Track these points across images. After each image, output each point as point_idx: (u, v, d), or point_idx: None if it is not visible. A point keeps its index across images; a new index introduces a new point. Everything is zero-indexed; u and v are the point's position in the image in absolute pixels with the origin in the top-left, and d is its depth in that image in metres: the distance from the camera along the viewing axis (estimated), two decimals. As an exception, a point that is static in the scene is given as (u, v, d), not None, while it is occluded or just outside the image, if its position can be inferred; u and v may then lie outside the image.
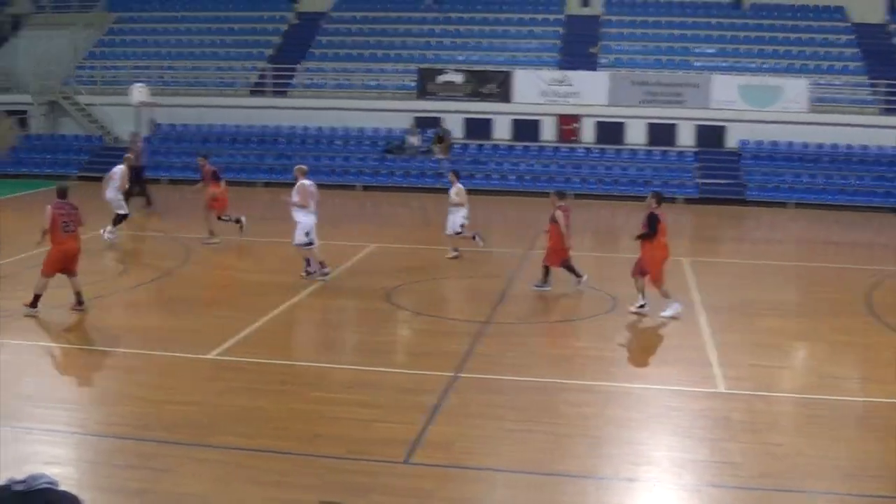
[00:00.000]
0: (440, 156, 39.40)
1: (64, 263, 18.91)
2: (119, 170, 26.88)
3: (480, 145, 40.84)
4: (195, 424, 13.36)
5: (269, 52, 45.12)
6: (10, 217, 29.30)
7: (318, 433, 13.04)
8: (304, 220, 22.02)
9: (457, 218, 24.74)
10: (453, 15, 45.68)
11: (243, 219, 26.52)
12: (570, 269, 21.42)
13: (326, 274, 22.03)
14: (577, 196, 35.26)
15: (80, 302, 19.17)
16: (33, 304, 18.77)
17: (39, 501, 9.85)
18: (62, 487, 10.01)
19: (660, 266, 19.45)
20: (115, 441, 12.92)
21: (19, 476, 9.96)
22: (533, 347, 17.86)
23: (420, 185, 37.99)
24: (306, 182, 22.29)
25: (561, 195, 21.95)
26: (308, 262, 22.16)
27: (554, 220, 21.17)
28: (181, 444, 12.62)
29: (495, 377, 15.47)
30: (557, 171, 38.79)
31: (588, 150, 40.36)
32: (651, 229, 19.33)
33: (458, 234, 24.79)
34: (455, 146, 40.28)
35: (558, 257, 21.30)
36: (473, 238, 25.08)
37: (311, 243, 22.05)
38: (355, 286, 21.90)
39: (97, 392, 15.21)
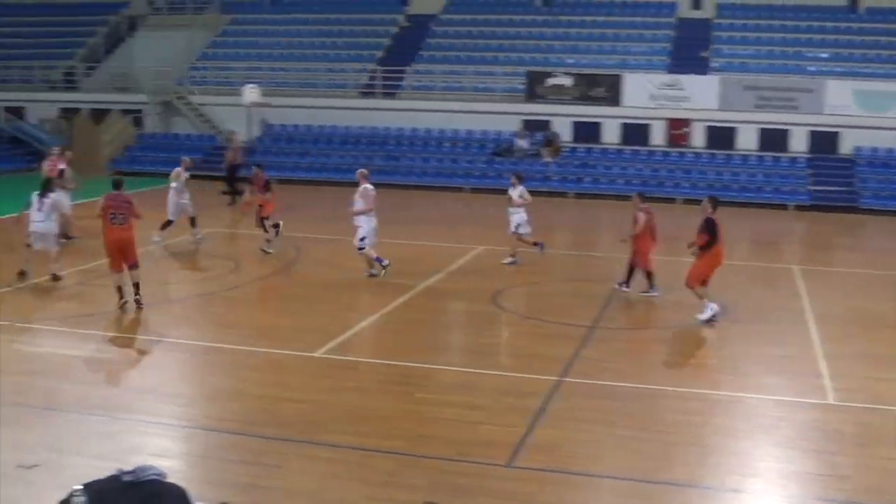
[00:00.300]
0: (548, 159, 39.37)
1: (115, 253, 19.24)
2: (176, 172, 27.11)
3: (589, 149, 40.73)
4: (304, 421, 13.55)
5: (379, 54, 45.47)
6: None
7: (423, 434, 13.14)
8: (366, 224, 22.30)
9: (517, 219, 24.66)
10: (563, 18, 45.59)
11: (280, 224, 26.46)
12: (647, 275, 21.28)
13: (379, 271, 22.30)
14: (686, 201, 34.93)
15: (137, 296, 19.43)
16: (120, 297, 19.27)
17: (147, 492, 10.10)
18: (170, 480, 10.27)
19: (710, 272, 19.20)
20: (224, 436, 13.16)
21: (128, 467, 10.25)
22: (639, 353, 17.76)
23: (528, 189, 37.81)
24: (369, 186, 22.56)
25: (643, 197, 21.82)
26: (378, 260, 22.42)
27: (636, 222, 21.12)
28: (290, 441, 12.82)
29: (601, 382, 15.44)
30: (666, 176, 38.52)
31: (698, 154, 40.00)
32: (713, 236, 19.02)
33: (518, 235, 24.64)
34: (563, 149, 40.22)
35: (645, 259, 21.20)
36: (535, 245, 24.92)
37: (363, 247, 22.37)
38: (462, 288, 22.01)
39: (208, 387, 15.48)
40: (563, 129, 40.68)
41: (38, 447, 12.51)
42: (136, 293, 19.45)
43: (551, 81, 41.14)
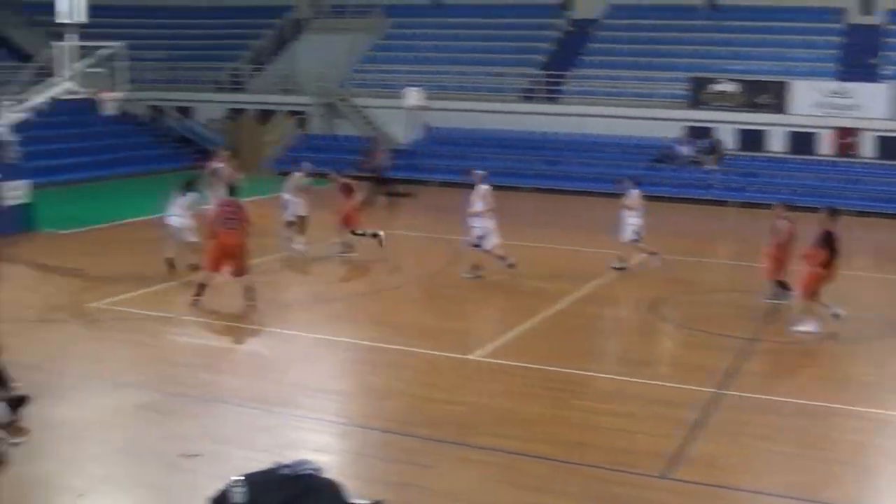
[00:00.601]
0: (711, 166, 38.80)
1: (223, 258, 19.38)
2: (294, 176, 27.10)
3: (753, 157, 39.95)
4: (458, 423, 13.61)
5: (540, 58, 45.42)
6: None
7: (578, 440, 13.07)
8: (482, 224, 22.57)
9: (631, 223, 24.35)
10: (728, 23, 44.79)
11: (381, 233, 25.72)
12: (783, 286, 20.72)
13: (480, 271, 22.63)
14: (856, 214, 33.93)
15: (251, 299, 19.56)
16: (198, 293, 19.49)
17: (303, 486, 10.27)
18: (326, 475, 10.42)
19: (819, 285, 18.60)
20: (380, 434, 13.32)
21: (286, 461, 10.42)
22: (800, 368, 17.37)
23: (689, 196, 37.46)
24: (486, 187, 22.81)
25: (787, 207, 21.36)
26: (502, 258, 22.62)
27: (775, 231, 20.66)
28: (444, 442, 12.89)
29: (760, 396, 15.11)
30: (834, 187, 37.45)
31: (867, 165, 38.85)
32: (832, 249, 18.39)
33: (635, 241, 24.33)
34: (726, 157, 39.57)
35: (781, 268, 20.71)
36: (652, 254, 24.52)
37: (478, 245, 22.66)
38: (621, 295, 21.86)
39: (365, 385, 15.68)
40: (727, 137, 40.00)
41: (199, 437, 12.85)
42: (251, 299, 19.59)
43: (715, 88, 40.52)
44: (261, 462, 11.13)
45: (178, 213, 22.22)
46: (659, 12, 45.99)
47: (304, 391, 15.05)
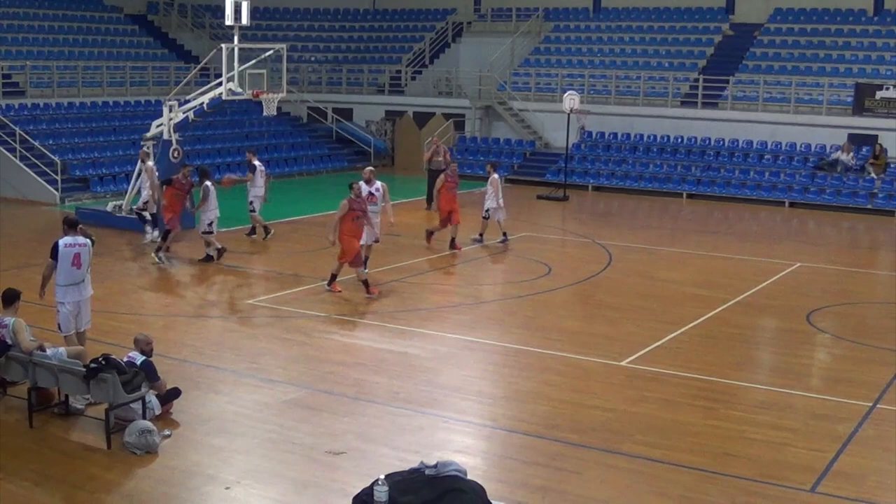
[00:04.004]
0: (874, 175, 37.72)
1: (358, 252, 20.48)
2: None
3: (919, 166, 38.72)
4: (606, 430, 13.55)
5: (701, 62, 44.78)
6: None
7: (727, 451, 12.89)
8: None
9: (486, 203, 26.71)
10: (894, 28, 43.51)
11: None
12: None
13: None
14: None
15: (368, 290, 20.65)
16: (330, 281, 20.91)
17: (447, 487, 10.33)
18: (470, 477, 10.43)
19: None
20: (524, 437, 13.33)
21: (431, 461, 10.47)
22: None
23: (851, 205, 36.47)
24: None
25: None
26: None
27: None
28: (590, 448, 12.84)
29: (919, 412, 14.67)
30: None
31: None
32: None
33: (485, 219, 26.75)
34: (891, 165, 38.43)
35: None
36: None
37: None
38: (775, 305, 21.40)
39: (511, 388, 15.68)
40: (892, 145, 38.83)
41: (346, 435, 13.06)
42: (368, 289, 20.68)
43: (881, 94, 39.34)
44: (406, 462, 11.30)
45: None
46: (823, 16, 44.90)
47: (451, 393, 15.15)
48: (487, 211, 26.74)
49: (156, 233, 25.49)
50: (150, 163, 26.37)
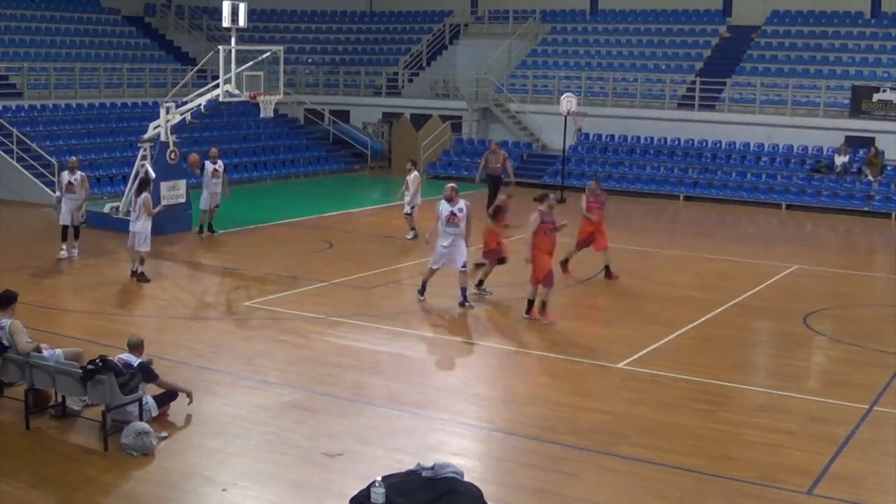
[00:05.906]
0: (871, 178, 37.75)
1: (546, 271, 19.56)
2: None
3: (917, 169, 38.73)
4: (603, 432, 13.54)
5: (698, 65, 44.79)
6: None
7: (724, 453, 12.88)
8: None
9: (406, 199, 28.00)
10: (891, 31, 43.50)
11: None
12: None
13: None
14: None
15: (540, 314, 19.53)
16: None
17: (444, 489, 10.32)
18: (467, 479, 10.42)
19: None
20: (521, 439, 13.33)
21: (428, 463, 10.46)
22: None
23: (847, 208, 36.47)
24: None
25: None
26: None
27: None
28: (587, 451, 12.84)
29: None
30: None
31: None
32: None
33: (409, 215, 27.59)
34: (888, 168, 38.44)
35: None
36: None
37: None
38: (772, 307, 21.38)
39: (508, 390, 15.68)
40: (889, 147, 38.83)
41: (343, 436, 13.05)
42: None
43: (878, 97, 39.36)
44: (403, 464, 11.31)
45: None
46: (821, 19, 44.91)
47: (448, 395, 15.16)
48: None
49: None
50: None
